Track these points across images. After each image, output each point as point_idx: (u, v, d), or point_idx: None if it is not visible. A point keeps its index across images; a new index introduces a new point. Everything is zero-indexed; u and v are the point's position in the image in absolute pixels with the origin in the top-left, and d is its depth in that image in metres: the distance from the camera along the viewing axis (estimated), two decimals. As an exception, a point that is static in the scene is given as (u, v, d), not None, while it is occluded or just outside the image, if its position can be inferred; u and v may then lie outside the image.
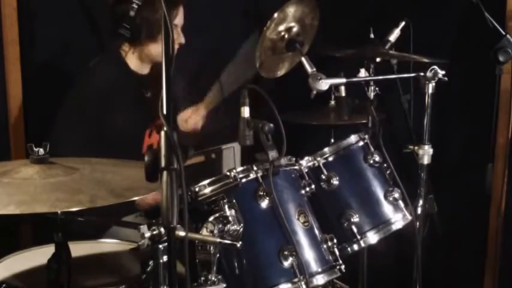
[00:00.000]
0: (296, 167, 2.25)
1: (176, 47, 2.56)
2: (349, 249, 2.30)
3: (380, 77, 2.60)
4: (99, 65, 2.60)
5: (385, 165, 2.43)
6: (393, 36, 2.80)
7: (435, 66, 2.37)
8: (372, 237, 2.32)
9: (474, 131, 3.18)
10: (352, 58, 2.77)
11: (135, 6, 2.54)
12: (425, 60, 2.54)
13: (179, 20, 2.65)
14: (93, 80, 2.59)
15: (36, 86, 2.90)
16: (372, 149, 2.40)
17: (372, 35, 2.82)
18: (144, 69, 2.72)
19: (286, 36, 2.45)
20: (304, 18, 2.46)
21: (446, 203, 2.89)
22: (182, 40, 2.68)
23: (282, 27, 2.44)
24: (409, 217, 2.40)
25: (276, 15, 2.39)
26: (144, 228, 1.66)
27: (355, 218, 2.30)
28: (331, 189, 2.32)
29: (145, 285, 1.75)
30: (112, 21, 2.61)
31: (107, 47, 2.86)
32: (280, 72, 2.63)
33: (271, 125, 2.07)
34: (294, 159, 2.24)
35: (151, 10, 2.54)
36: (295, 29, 2.45)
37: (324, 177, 2.32)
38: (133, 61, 2.67)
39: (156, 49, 2.63)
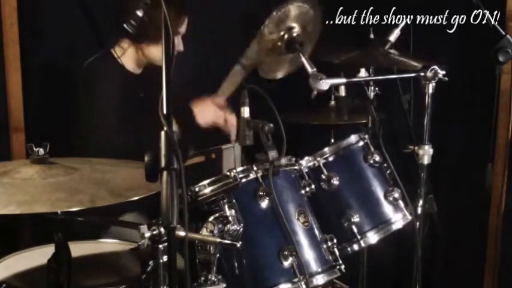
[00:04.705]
0: (296, 167, 2.25)
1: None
2: (349, 249, 2.30)
3: (380, 77, 2.60)
4: (94, 65, 2.60)
5: (385, 165, 2.43)
6: (393, 37, 2.79)
7: (435, 67, 2.37)
8: (372, 237, 2.32)
9: (474, 131, 3.18)
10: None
11: (144, 5, 2.53)
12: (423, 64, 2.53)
13: (183, 28, 2.65)
14: (87, 79, 2.59)
15: (36, 86, 2.91)
16: (372, 149, 2.40)
17: (371, 35, 2.82)
18: (138, 70, 2.73)
19: (286, 36, 2.45)
20: (304, 18, 2.46)
21: (446, 203, 2.89)
22: (181, 48, 2.67)
23: (281, 28, 2.43)
24: (409, 217, 2.40)
25: (275, 15, 2.39)
26: (144, 228, 1.66)
27: (355, 218, 2.30)
28: (331, 189, 2.32)
29: (146, 285, 1.75)
30: (118, 14, 2.60)
31: (104, 45, 2.86)
32: (280, 74, 2.63)
33: (271, 125, 2.07)
34: (294, 159, 2.24)
35: (159, 13, 2.53)
36: (295, 29, 2.45)
37: (324, 177, 2.32)
38: (129, 61, 2.67)
39: (157, 51, 2.62)
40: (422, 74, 2.38)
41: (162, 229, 1.65)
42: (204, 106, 2.74)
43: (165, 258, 1.66)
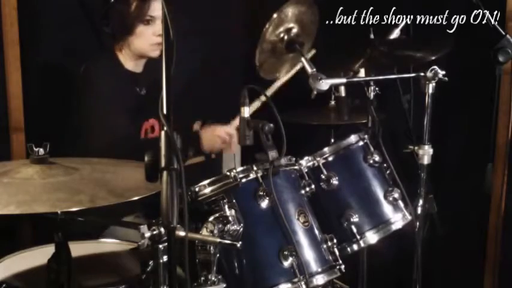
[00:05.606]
0: (296, 167, 2.25)
1: (159, 40, 2.55)
2: (349, 249, 2.30)
3: (380, 77, 2.60)
4: (94, 65, 2.61)
5: (384, 165, 2.43)
6: (393, 36, 2.79)
7: (435, 66, 2.37)
8: (372, 237, 2.32)
9: (474, 131, 3.18)
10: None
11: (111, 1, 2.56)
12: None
13: (157, 12, 2.59)
14: (87, 79, 2.59)
15: (36, 86, 2.91)
16: (372, 149, 2.40)
17: (372, 35, 2.81)
18: (138, 67, 2.72)
19: (285, 37, 2.45)
20: (303, 18, 2.46)
21: (446, 203, 2.89)
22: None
23: (281, 29, 2.44)
24: (409, 217, 2.40)
25: (275, 16, 2.39)
26: (144, 228, 1.66)
27: (355, 218, 2.30)
28: (331, 189, 2.32)
29: (146, 285, 1.75)
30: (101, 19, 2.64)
31: (104, 46, 2.87)
32: (280, 74, 2.63)
33: (271, 125, 2.07)
34: (294, 159, 2.24)
35: (124, 4, 2.55)
36: (294, 30, 2.45)
37: (323, 177, 2.32)
38: (126, 59, 2.68)
39: (137, 42, 2.62)
40: (422, 74, 2.38)
41: (162, 229, 1.65)
42: (213, 134, 2.68)
43: (165, 258, 1.66)
